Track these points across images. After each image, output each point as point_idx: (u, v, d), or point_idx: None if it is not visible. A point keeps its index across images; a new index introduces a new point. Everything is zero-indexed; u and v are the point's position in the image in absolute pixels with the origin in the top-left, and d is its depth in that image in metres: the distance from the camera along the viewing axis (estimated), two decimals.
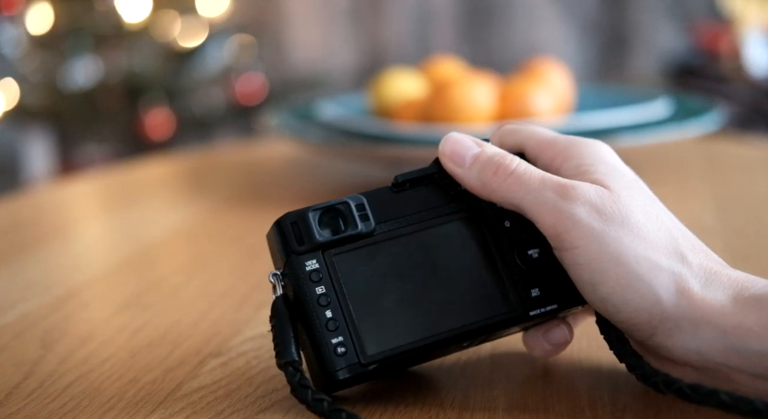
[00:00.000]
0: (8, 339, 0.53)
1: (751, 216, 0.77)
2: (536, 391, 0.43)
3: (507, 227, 0.43)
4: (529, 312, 0.42)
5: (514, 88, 0.89)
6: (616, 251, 0.38)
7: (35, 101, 2.22)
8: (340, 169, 1.00)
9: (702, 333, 0.37)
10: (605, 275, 0.38)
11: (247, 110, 2.36)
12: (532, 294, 0.42)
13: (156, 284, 0.64)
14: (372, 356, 0.41)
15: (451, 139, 0.43)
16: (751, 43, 2.25)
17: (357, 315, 0.41)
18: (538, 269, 0.42)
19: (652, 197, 0.41)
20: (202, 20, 2.33)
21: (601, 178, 0.40)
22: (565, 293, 0.42)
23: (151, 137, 2.25)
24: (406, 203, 0.43)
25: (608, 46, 2.73)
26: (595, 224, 0.39)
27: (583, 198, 0.39)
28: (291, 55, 2.77)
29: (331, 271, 0.41)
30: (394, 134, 0.85)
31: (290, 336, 0.41)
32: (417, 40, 2.76)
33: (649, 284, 0.38)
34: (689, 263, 0.39)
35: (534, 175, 0.41)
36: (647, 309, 0.38)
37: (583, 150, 0.42)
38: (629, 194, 0.40)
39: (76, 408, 0.43)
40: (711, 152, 1.04)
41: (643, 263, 0.38)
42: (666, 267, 0.38)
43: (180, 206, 0.89)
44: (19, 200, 0.96)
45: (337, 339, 0.40)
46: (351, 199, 0.42)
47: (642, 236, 0.39)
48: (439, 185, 0.43)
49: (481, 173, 0.41)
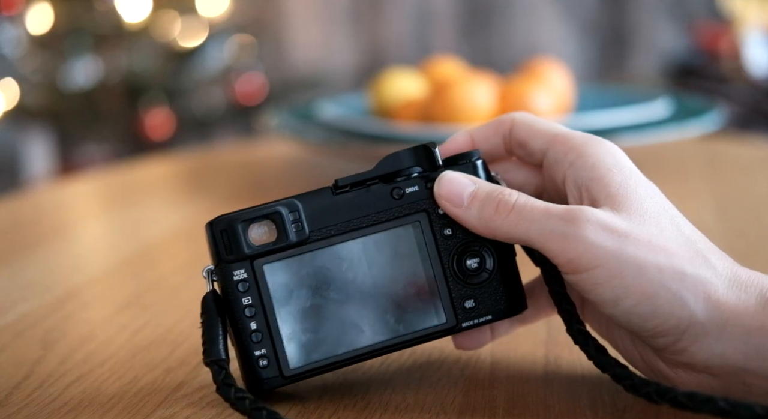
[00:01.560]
0: (8, 339, 0.53)
1: (751, 216, 0.77)
2: (536, 391, 0.43)
3: (448, 235, 0.42)
4: (462, 324, 0.42)
5: (514, 88, 0.89)
6: (637, 264, 0.38)
7: (35, 101, 2.22)
8: (340, 169, 1.00)
9: (727, 335, 0.37)
10: (629, 290, 0.38)
11: (247, 110, 2.36)
12: (467, 305, 0.42)
13: (156, 284, 0.64)
14: (294, 369, 0.41)
15: (445, 179, 0.41)
16: (751, 43, 2.25)
17: (282, 327, 0.41)
18: (476, 280, 0.42)
19: (666, 204, 0.41)
20: (202, 20, 2.33)
21: (616, 190, 0.39)
22: (500, 305, 0.42)
23: (151, 137, 2.25)
24: (345, 207, 0.41)
25: (608, 46, 2.73)
26: (609, 243, 0.38)
27: (591, 220, 0.38)
28: (291, 55, 2.77)
29: (259, 281, 0.41)
30: (394, 134, 0.85)
31: (218, 333, 0.41)
32: (417, 40, 2.76)
33: (676, 291, 0.37)
34: (713, 267, 0.38)
35: (536, 206, 0.40)
36: (675, 315, 0.37)
37: (600, 149, 0.41)
38: (644, 205, 0.39)
39: (76, 408, 0.43)
40: (711, 152, 1.04)
41: (666, 271, 0.38)
42: (690, 272, 0.38)
43: (180, 206, 0.89)
44: (19, 200, 0.96)
45: (260, 351, 0.41)
46: (285, 206, 0.41)
47: (661, 246, 0.38)
48: (381, 189, 0.42)
49: (482, 212, 0.40)
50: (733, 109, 2.09)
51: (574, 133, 0.42)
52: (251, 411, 0.39)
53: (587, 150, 0.41)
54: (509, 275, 0.42)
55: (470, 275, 0.42)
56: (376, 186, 0.42)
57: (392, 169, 0.42)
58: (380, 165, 0.42)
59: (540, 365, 0.45)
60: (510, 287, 0.42)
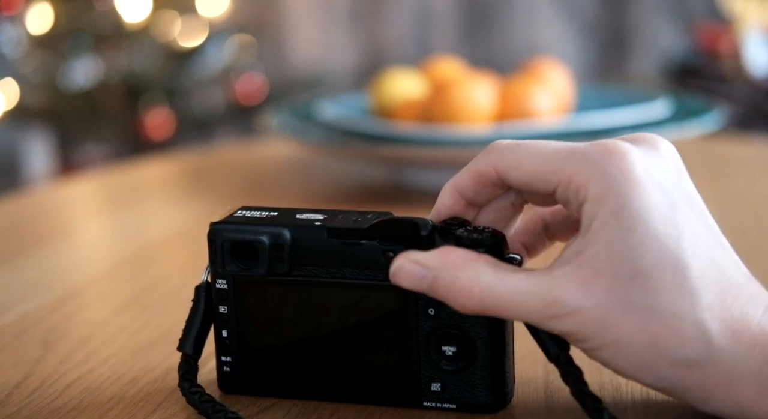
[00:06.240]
0: (8, 339, 0.53)
1: (751, 216, 0.77)
2: (537, 391, 0.43)
3: (430, 315, 0.39)
4: (423, 402, 0.40)
5: (514, 89, 0.89)
6: (640, 345, 0.34)
7: (35, 101, 2.22)
8: (340, 169, 1.00)
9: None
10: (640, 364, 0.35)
11: (247, 110, 2.36)
12: (432, 388, 0.40)
13: (156, 284, 0.64)
14: (249, 389, 0.42)
15: (397, 275, 0.37)
16: (751, 43, 2.25)
17: (248, 347, 0.42)
18: (448, 367, 0.39)
19: (695, 230, 0.35)
20: (202, 20, 2.33)
21: (612, 234, 0.34)
22: (469, 398, 0.40)
23: (151, 137, 2.25)
24: (336, 254, 0.40)
25: (608, 46, 2.73)
26: (607, 317, 0.34)
27: (572, 309, 0.34)
28: (291, 55, 2.77)
29: (238, 296, 0.41)
30: (394, 134, 0.85)
31: (195, 326, 0.42)
32: (417, 40, 2.76)
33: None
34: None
35: (507, 286, 0.35)
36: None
37: (600, 170, 0.35)
38: (645, 253, 0.34)
39: (77, 408, 0.43)
40: (711, 152, 1.04)
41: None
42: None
43: (180, 206, 0.89)
44: (19, 200, 0.96)
45: (226, 358, 0.42)
46: (272, 237, 0.40)
47: (678, 305, 0.34)
48: (375, 248, 0.39)
49: (453, 302, 0.36)
50: (733, 109, 2.09)
51: (574, 150, 0.36)
52: (200, 403, 0.40)
53: (586, 175, 0.35)
54: (490, 371, 0.39)
55: (443, 360, 0.39)
56: (370, 244, 0.39)
57: (388, 232, 0.39)
58: (379, 225, 0.39)
59: (540, 364, 0.45)
60: (487, 383, 0.39)
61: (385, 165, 0.91)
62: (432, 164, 0.83)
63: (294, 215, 0.41)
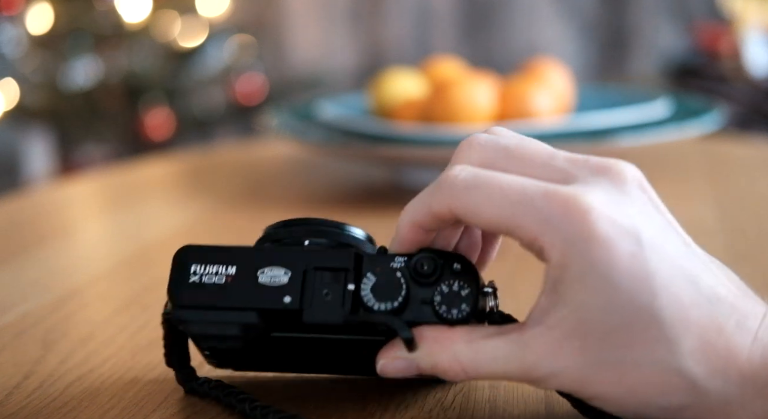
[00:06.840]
0: (8, 339, 0.53)
1: (751, 216, 0.77)
2: (537, 391, 0.43)
3: None
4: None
5: (514, 89, 0.89)
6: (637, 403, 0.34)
7: (35, 101, 2.22)
8: (340, 169, 1.00)
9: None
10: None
11: (247, 110, 2.36)
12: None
13: (156, 284, 0.64)
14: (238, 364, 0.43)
15: (387, 373, 0.37)
16: (751, 43, 2.25)
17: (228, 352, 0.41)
18: None
19: (669, 264, 0.33)
20: (202, 20, 2.33)
21: (579, 299, 0.33)
22: None
23: (151, 137, 2.25)
24: (313, 341, 0.39)
25: (608, 46, 2.73)
26: (583, 377, 0.34)
27: (547, 372, 0.34)
28: (291, 55, 2.77)
29: None
30: (394, 134, 0.85)
31: (175, 343, 0.43)
32: (417, 40, 2.76)
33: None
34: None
35: (489, 353, 0.35)
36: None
37: (561, 236, 0.33)
38: (614, 313, 0.33)
39: (77, 408, 0.43)
40: (711, 152, 1.04)
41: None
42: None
43: (180, 206, 0.89)
44: (19, 200, 0.96)
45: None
46: (243, 328, 0.38)
47: (665, 359, 0.33)
48: (352, 342, 0.39)
49: (443, 376, 0.37)
50: (733, 109, 2.09)
51: (527, 219, 0.34)
52: (224, 396, 0.41)
53: (543, 228, 0.34)
54: None
55: None
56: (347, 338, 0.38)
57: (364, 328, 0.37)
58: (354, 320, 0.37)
59: None
60: None
61: (385, 165, 0.91)
62: (432, 164, 0.83)
63: (255, 273, 0.38)
